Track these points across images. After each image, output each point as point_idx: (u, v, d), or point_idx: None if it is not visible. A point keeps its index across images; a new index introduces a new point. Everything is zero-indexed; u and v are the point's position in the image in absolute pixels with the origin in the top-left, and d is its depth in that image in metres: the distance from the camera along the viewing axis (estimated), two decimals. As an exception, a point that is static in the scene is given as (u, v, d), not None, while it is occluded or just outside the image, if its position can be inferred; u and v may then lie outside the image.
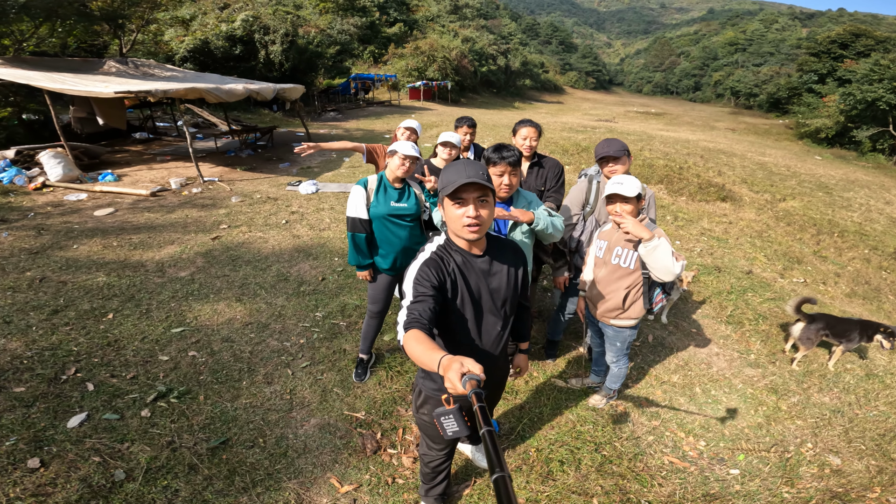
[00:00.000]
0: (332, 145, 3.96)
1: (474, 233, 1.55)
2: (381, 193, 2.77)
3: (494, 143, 2.42)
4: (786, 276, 6.00)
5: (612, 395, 3.10)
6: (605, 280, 2.64)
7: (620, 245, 2.54)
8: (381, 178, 2.81)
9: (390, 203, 2.77)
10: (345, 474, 2.47)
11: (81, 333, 3.54)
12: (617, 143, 2.80)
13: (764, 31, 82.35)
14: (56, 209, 6.62)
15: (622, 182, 2.37)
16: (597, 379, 3.25)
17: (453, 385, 1.08)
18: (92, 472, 2.36)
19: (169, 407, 2.82)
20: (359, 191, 2.77)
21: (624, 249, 2.53)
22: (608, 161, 2.83)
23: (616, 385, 3.02)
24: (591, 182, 3.04)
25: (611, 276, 2.60)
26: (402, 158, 2.71)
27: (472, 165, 1.52)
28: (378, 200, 2.77)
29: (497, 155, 2.34)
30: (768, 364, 3.82)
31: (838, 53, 40.29)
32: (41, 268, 4.65)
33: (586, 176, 3.13)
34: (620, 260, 2.54)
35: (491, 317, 1.73)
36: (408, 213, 2.81)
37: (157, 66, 12.43)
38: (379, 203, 2.77)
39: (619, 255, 2.55)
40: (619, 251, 2.55)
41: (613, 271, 2.59)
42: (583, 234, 3.06)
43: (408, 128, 3.81)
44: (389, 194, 2.79)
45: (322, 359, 3.40)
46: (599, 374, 3.22)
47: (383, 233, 2.82)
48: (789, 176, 14.27)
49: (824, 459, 2.86)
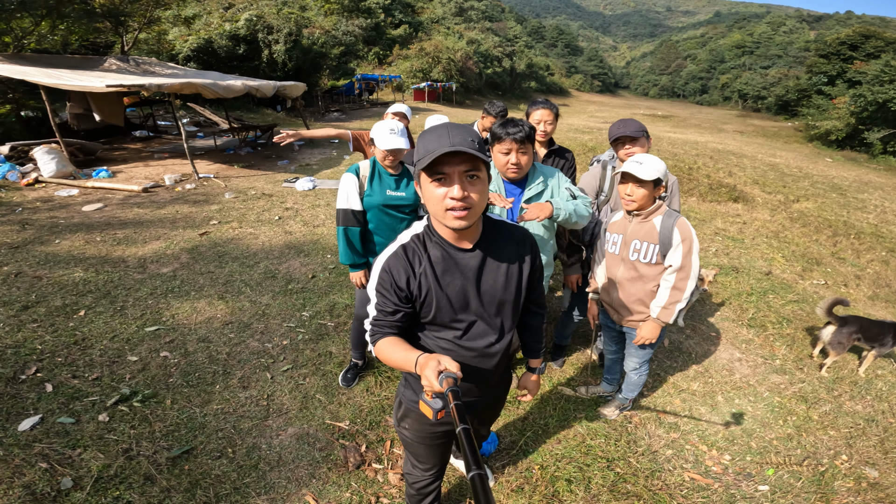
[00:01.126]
0: (315, 133, 3.66)
1: (460, 219, 1.16)
2: (375, 181, 2.43)
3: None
4: (806, 277, 5.65)
5: (628, 404, 2.79)
6: (625, 280, 2.29)
7: (638, 237, 2.19)
8: (375, 164, 2.46)
9: (386, 192, 2.42)
10: (322, 491, 2.18)
11: (49, 331, 3.28)
12: (634, 123, 2.49)
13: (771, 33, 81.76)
14: (45, 204, 6.40)
15: (641, 162, 2.04)
16: (608, 388, 2.93)
17: (430, 383, 1.02)
18: (37, 479, 2.10)
19: (130, 411, 2.54)
20: (350, 179, 2.40)
21: (643, 243, 2.18)
22: (625, 142, 2.52)
23: (633, 394, 2.70)
24: (604, 168, 2.73)
25: (631, 274, 2.26)
26: (383, 153, 2.33)
27: (458, 130, 1.14)
28: (372, 189, 2.41)
29: (502, 130, 2.05)
30: (795, 370, 3.49)
31: (848, 55, 39.69)
32: (18, 262, 4.40)
33: (599, 162, 2.82)
34: (640, 255, 2.20)
35: (481, 326, 1.37)
36: (406, 204, 2.47)
37: (158, 64, 12.28)
38: (373, 192, 2.41)
39: (639, 250, 2.20)
40: (638, 245, 2.20)
41: (633, 268, 2.25)
42: (597, 225, 2.75)
43: (396, 113, 3.52)
44: (385, 181, 2.43)
45: (305, 362, 3.11)
46: (612, 383, 2.90)
47: (379, 226, 2.48)
48: (802, 177, 13.88)
49: (860, 472, 2.57)
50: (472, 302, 1.33)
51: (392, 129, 2.28)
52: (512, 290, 1.37)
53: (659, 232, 2.13)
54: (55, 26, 11.48)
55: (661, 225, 2.14)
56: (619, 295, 2.34)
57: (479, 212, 1.20)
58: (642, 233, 2.18)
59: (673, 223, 2.12)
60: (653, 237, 2.15)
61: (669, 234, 2.11)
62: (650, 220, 2.17)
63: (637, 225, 2.20)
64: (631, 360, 2.56)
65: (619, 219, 2.32)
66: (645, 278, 2.24)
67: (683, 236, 2.10)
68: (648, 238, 2.16)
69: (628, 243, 2.23)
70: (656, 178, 2.04)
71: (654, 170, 2.03)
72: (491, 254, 1.32)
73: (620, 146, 2.55)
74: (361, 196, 2.42)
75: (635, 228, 2.20)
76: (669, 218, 2.15)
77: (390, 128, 2.29)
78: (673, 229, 2.11)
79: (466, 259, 1.29)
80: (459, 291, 1.30)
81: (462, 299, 1.31)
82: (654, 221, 2.15)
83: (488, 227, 1.34)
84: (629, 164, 2.07)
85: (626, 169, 2.07)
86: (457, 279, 1.29)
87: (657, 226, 2.14)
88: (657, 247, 2.15)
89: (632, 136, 2.47)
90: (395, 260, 1.29)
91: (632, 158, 2.08)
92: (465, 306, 1.33)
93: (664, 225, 2.13)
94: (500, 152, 2.10)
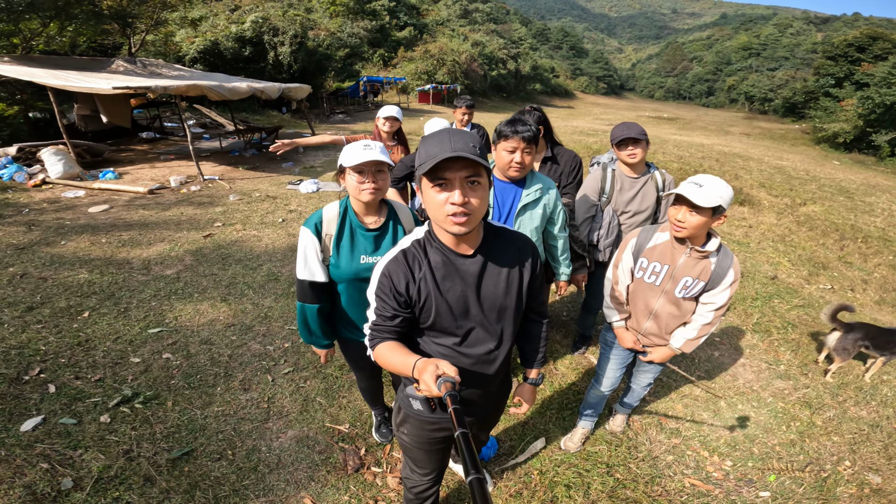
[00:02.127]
0: (310, 140, 3.61)
1: (461, 225, 1.16)
2: (345, 242, 1.73)
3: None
4: (812, 281, 5.60)
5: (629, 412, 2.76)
6: (664, 313, 2.04)
7: (691, 274, 1.90)
8: (346, 215, 1.74)
9: (360, 258, 1.73)
10: (321, 494, 2.18)
11: (53, 332, 3.30)
12: (637, 126, 2.50)
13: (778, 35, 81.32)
14: (51, 206, 6.46)
15: (701, 184, 1.68)
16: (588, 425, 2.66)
17: (428, 388, 1.02)
18: (38, 479, 2.12)
19: (132, 412, 2.55)
20: (307, 238, 1.72)
21: (695, 280, 1.90)
22: (628, 144, 2.52)
23: (636, 402, 2.64)
24: (605, 170, 2.72)
25: (672, 310, 2.02)
26: (358, 182, 1.64)
27: (459, 135, 1.15)
28: (339, 255, 1.73)
29: (510, 128, 2.04)
30: (800, 376, 3.46)
31: (855, 57, 39.36)
32: (24, 263, 4.44)
33: (599, 164, 2.82)
34: (687, 291, 1.95)
35: (480, 332, 1.36)
36: None
37: (165, 66, 12.37)
38: (341, 260, 1.73)
39: (688, 287, 1.93)
40: (689, 282, 1.92)
41: (676, 304, 2.00)
42: (601, 227, 2.74)
43: (388, 118, 3.38)
44: (359, 243, 1.73)
45: (307, 364, 3.12)
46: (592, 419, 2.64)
47: (351, 302, 1.83)
48: (808, 180, 13.78)
49: (863, 478, 2.56)
50: (472, 308, 1.32)
51: (366, 145, 1.65)
52: (513, 297, 1.36)
53: (713, 271, 1.89)
54: (63, 28, 11.60)
55: (718, 265, 1.89)
56: (651, 325, 2.12)
57: (479, 217, 1.20)
58: (696, 270, 1.90)
59: (730, 264, 1.88)
60: (705, 275, 1.89)
61: (724, 275, 1.89)
62: (709, 258, 1.90)
63: (691, 260, 1.90)
64: (646, 376, 2.40)
65: (663, 244, 1.97)
66: (686, 312, 2.04)
67: (735, 277, 1.89)
68: (702, 276, 1.90)
69: (677, 278, 1.94)
70: (717, 206, 1.68)
71: (716, 195, 1.67)
72: (492, 259, 1.32)
73: (624, 147, 2.55)
74: (326, 263, 1.76)
75: (688, 263, 1.90)
76: (726, 258, 1.90)
77: (363, 144, 1.66)
78: (728, 271, 1.88)
79: (467, 265, 1.29)
80: (459, 297, 1.30)
81: (462, 305, 1.31)
82: (710, 259, 1.89)
83: (489, 232, 1.34)
84: (686, 187, 1.73)
85: (682, 192, 1.71)
86: (457, 285, 1.29)
87: (713, 264, 1.89)
88: (705, 284, 1.91)
89: (636, 137, 2.48)
90: (395, 265, 1.29)
91: (691, 179, 1.74)
92: (465, 312, 1.32)
93: (721, 265, 1.89)
94: (504, 150, 2.07)
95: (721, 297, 1.92)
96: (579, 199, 2.78)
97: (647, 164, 2.69)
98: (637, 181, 2.65)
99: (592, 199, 2.73)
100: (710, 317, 1.97)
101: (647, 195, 2.66)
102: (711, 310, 1.96)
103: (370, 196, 1.65)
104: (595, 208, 2.74)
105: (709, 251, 1.85)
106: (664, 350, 2.14)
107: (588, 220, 2.77)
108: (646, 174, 2.67)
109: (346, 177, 1.68)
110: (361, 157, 1.60)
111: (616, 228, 2.72)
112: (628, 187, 2.66)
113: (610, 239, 2.73)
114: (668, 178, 2.69)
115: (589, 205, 2.74)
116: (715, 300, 1.93)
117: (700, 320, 2.00)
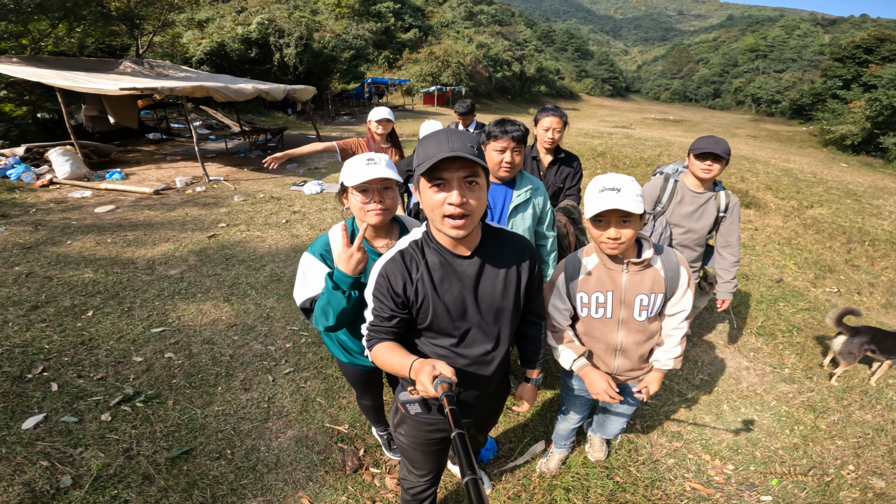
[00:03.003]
0: (302, 150, 3.49)
1: (458, 228, 1.17)
2: None
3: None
4: (818, 285, 5.55)
5: None
6: (631, 346, 1.77)
7: (643, 291, 1.65)
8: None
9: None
10: (319, 494, 2.18)
11: (56, 331, 3.33)
12: (724, 143, 2.42)
13: (786, 37, 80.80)
14: (58, 206, 6.52)
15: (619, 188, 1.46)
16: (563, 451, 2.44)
17: (425, 388, 1.03)
18: (37, 476, 2.14)
19: (133, 411, 2.57)
20: (311, 263, 1.61)
21: (651, 295, 1.66)
22: (707, 158, 2.45)
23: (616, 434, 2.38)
24: (666, 180, 2.69)
25: (638, 337, 1.75)
26: (363, 203, 1.48)
27: (457, 136, 1.15)
28: None
29: (499, 129, 2.04)
30: (804, 379, 3.42)
31: (863, 58, 39.05)
32: (30, 263, 4.48)
33: (662, 174, 2.79)
34: (648, 311, 1.69)
35: (478, 334, 1.35)
36: None
37: (171, 67, 12.47)
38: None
39: (647, 306, 1.68)
40: (645, 300, 1.66)
41: (641, 330, 1.74)
42: (652, 235, 2.72)
43: (381, 120, 3.35)
44: (367, 268, 1.50)
45: (308, 365, 3.12)
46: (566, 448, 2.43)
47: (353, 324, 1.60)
48: (816, 182, 13.66)
49: (867, 482, 2.52)
50: (470, 309, 1.32)
51: (370, 159, 1.48)
52: (510, 298, 1.36)
53: (665, 276, 1.65)
54: (72, 29, 11.73)
55: (665, 267, 1.66)
56: (622, 362, 1.82)
57: (477, 219, 1.20)
58: (646, 284, 1.65)
59: (677, 262, 1.67)
60: (659, 286, 1.66)
61: (676, 276, 1.67)
62: (651, 265, 1.66)
63: (636, 275, 1.65)
64: (617, 422, 2.20)
65: (595, 269, 1.68)
66: (654, 333, 1.78)
67: (689, 274, 1.69)
68: (655, 288, 1.65)
69: (630, 302, 1.67)
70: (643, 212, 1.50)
71: (637, 194, 1.47)
72: (489, 261, 1.32)
73: (703, 160, 2.47)
74: None
75: (634, 280, 1.65)
76: (670, 257, 1.68)
77: (367, 158, 1.49)
78: (679, 269, 1.67)
79: (464, 266, 1.29)
80: (457, 299, 1.30)
81: (459, 307, 1.31)
82: (654, 265, 1.66)
83: (487, 234, 1.33)
84: (607, 199, 1.45)
85: (609, 206, 1.44)
86: (454, 286, 1.29)
87: (660, 269, 1.66)
88: (664, 295, 1.68)
89: (719, 154, 2.39)
90: (393, 265, 1.29)
91: (602, 186, 1.49)
92: (463, 314, 1.32)
93: (668, 266, 1.66)
94: (494, 150, 2.08)
95: (685, 302, 1.70)
96: None
97: (714, 183, 2.65)
98: (699, 197, 2.61)
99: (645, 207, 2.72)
100: (684, 326, 1.76)
101: (706, 213, 2.63)
102: (682, 319, 1.74)
103: (377, 218, 1.49)
104: (647, 217, 2.72)
105: (648, 258, 1.62)
106: (655, 378, 1.85)
107: None
108: (710, 192, 2.63)
109: (349, 196, 1.52)
110: (365, 174, 1.43)
111: (667, 241, 2.69)
112: (689, 201, 2.63)
113: None
114: (733, 200, 2.60)
115: None
116: (681, 307, 1.71)
117: (676, 334, 1.77)
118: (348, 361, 1.87)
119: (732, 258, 2.70)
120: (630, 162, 12.21)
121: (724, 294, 2.78)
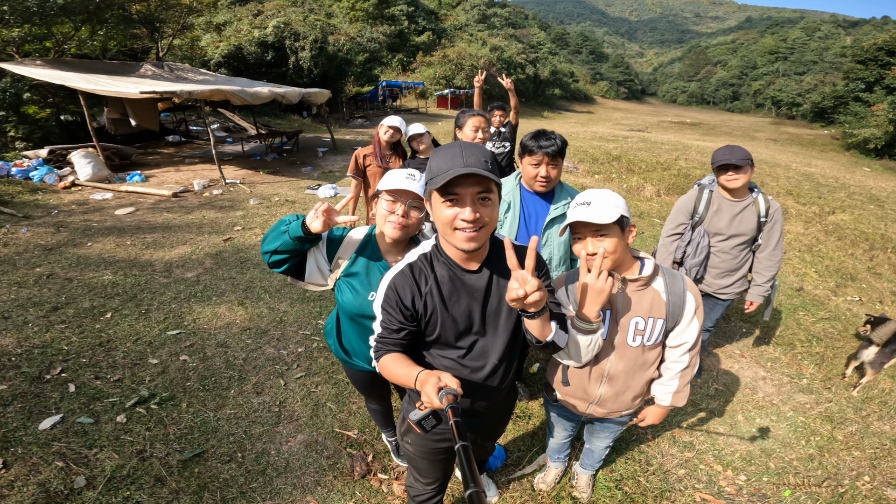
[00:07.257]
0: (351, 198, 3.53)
1: (471, 241, 1.16)
2: (361, 277, 1.60)
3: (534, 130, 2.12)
4: (839, 293, 5.41)
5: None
6: (622, 373, 1.63)
7: (640, 314, 1.54)
8: (367, 243, 1.63)
9: (369, 295, 1.58)
10: (326, 498, 2.19)
11: (76, 332, 3.41)
12: (740, 151, 2.43)
13: (806, 39, 79.22)
14: (80, 207, 6.69)
15: (589, 202, 1.43)
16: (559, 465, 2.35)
17: (430, 400, 1.04)
18: (52, 477, 2.18)
19: (147, 413, 2.61)
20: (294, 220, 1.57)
21: (648, 320, 1.54)
22: (728, 169, 2.48)
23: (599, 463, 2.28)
24: (702, 191, 2.71)
25: (631, 364, 1.62)
26: (388, 210, 1.53)
27: (471, 150, 1.14)
28: (354, 289, 1.59)
29: (534, 143, 2.05)
30: (823, 390, 3.34)
31: (886, 60, 38.02)
32: (51, 264, 4.60)
33: (700, 185, 2.79)
34: (645, 337, 1.56)
35: (485, 346, 1.36)
36: None
37: (191, 70, 12.72)
38: (356, 292, 1.59)
39: (642, 331, 1.55)
40: (641, 325, 1.54)
41: (635, 357, 1.61)
42: (689, 244, 2.73)
43: (390, 126, 3.56)
44: (373, 278, 1.58)
45: (319, 370, 3.14)
46: (562, 462, 2.32)
47: (356, 332, 1.73)
48: (838, 188, 13.34)
49: (881, 493, 2.46)
50: (478, 322, 1.32)
51: (410, 174, 1.53)
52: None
53: (667, 301, 1.53)
54: (94, 32, 12.03)
55: (669, 291, 1.54)
56: (606, 390, 1.68)
57: (489, 232, 1.21)
58: (644, 306, 1.53)
59: (684, 287, 1.55)
60: (658, 311, 1.53)
61: (681, 302, 1.53)
62: (651, 285, 1.55)
63: (633, 295, 1.54)
64: (602, 440, 2.07)
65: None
66: (648, 364, 1.64)
67: (697, 302, 1.55)
68: (654, 312, 1.53)
69: (624, 325, 1.55)
70: (619, 217, 1.41)
71: (611, 206, 1.40)
72: (498, 274, 1.32)
73: (723, 172, 2.51)
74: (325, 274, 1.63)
75: (629, 300, 1.54)
76: (675, 280, 1.56)
77: (408, 173, 1.53)
78: (686, 295, 1.54)
79: (473, 280, 1.29)
80: (465, 312, 1.30)
81: (467, 320, 1.31)
82: (655, 287, 1.55)
83: (495, 246, 1.33)
84: (575, 212, 1.45)
85: (575, 218, 1.43)
86: (463, 300, 1.29)
87: (662, 293, 1.54)
88: (664, 321, 1.54)
89: (737, 164, 2.41)
90: (402, 278, 1.30)
91: (577, 201, 1.48)
92: (470, 327, 1.33)
93: (672, 290, 1.54)
94: (529, 164, 2.10)
95: (690, 333, 1.56)
96: (669, 216, 2.82)
97: (750, 188, 2.63)
98: (736, 205, 2.61)
99: (681, 219, 2.75)
100: (685, 359, 1.61)
101: (745, 220, 2.61)
102: (685, 352, 1.60)
103: (395, 231, 1.51)
104: (683, 227, 2.75)
105: (645, 277, 1.51)
106: (656, 413, 1.78)
107: (674, 236, 2.78)
108: (747, 198, 2.61)
109: (378, 201, 1.57)
110: (400, 184, 1.49)
111: (705, 249, 2.69)
112: (726, 209, 2.62)
113: (697, 259, 2.71)
114: (773, 205, 2.59)
115: (676, 223, 2.76)
116: (684, 338, 1.57)
117: (676, 367, 1.63)
118: (360, 366, 1.89)
119: (768, 262, 2.70)
120: (646, 166, 12.07)
121: (754, 296, 2.80)
